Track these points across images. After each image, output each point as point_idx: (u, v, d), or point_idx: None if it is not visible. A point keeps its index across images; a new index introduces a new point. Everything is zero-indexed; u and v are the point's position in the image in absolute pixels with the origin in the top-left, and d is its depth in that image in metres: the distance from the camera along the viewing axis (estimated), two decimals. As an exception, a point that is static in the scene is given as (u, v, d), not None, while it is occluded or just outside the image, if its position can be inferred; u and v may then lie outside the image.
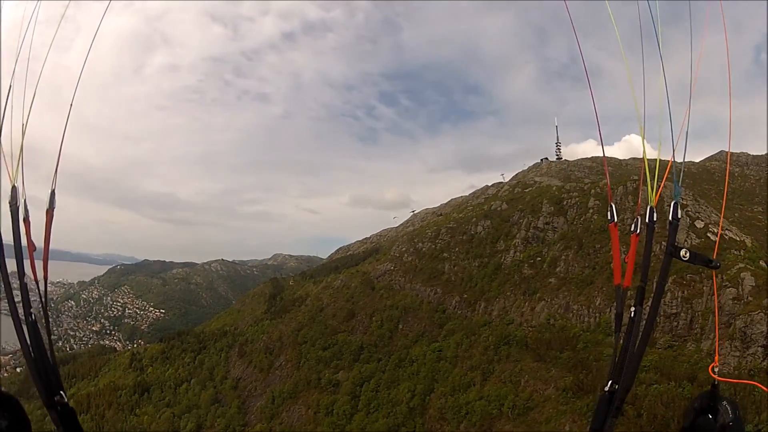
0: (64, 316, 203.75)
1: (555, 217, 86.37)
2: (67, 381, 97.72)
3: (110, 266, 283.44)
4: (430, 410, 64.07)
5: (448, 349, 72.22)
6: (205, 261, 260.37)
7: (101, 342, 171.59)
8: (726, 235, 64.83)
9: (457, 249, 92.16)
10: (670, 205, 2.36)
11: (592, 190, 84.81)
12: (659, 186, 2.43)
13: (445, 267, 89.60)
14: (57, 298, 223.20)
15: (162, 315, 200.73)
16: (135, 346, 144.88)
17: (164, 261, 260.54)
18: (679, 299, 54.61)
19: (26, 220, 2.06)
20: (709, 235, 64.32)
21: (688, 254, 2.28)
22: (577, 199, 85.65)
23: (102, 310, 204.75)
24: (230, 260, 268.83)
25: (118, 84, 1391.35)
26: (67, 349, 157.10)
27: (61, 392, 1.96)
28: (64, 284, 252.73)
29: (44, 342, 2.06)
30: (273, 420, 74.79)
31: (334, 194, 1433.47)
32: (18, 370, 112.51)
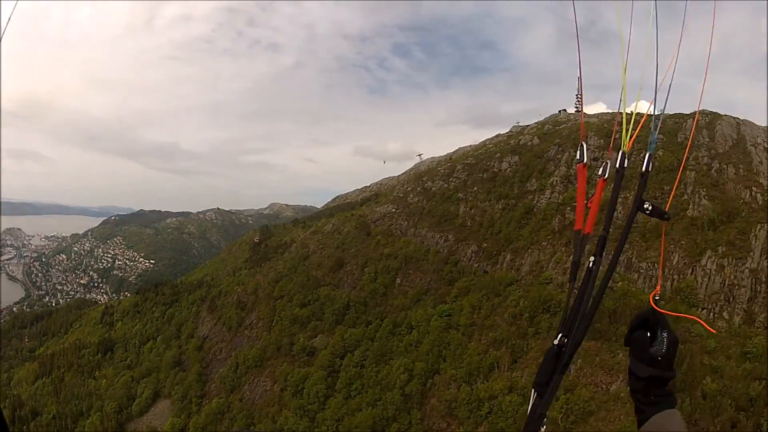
0: (54, 270, 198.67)
1: (605, 151, 66.66)
2: (38, 339, 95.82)
3: (106, 218, 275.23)
4: (432, 400, 46.79)
5: (461, 315, 54.43)
6: (201, 210, 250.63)
7: (88, 295, 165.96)
8: None
9: (475, 188, 73.34)
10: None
11: (650, 124, 64.45)
12: (634, 132, 2.22)
13: (460, 209, 71.17)
14: (49, 252, 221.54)
15: (151, 266, 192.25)
16: (118, 298, 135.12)
17: (160, 211, 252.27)
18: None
19: None
20: None
21: (650, 207, 2.10)
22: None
23: (92, 263, 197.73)
24: (226, 209, 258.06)
25: (129, 36, 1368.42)
26: (53, 305, 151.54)
27: None
28: (58, 238, 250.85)
29: None
30: (233, 393, 63.19)
31: (339, 144, 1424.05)
32: None
